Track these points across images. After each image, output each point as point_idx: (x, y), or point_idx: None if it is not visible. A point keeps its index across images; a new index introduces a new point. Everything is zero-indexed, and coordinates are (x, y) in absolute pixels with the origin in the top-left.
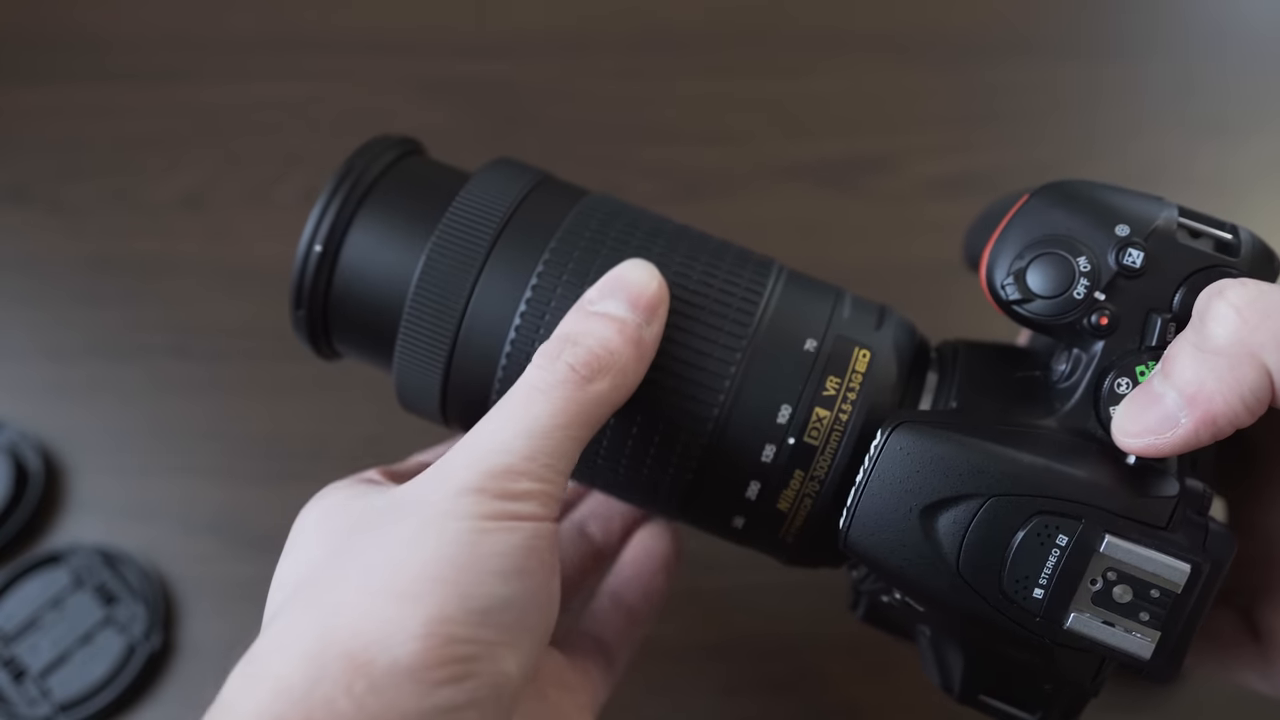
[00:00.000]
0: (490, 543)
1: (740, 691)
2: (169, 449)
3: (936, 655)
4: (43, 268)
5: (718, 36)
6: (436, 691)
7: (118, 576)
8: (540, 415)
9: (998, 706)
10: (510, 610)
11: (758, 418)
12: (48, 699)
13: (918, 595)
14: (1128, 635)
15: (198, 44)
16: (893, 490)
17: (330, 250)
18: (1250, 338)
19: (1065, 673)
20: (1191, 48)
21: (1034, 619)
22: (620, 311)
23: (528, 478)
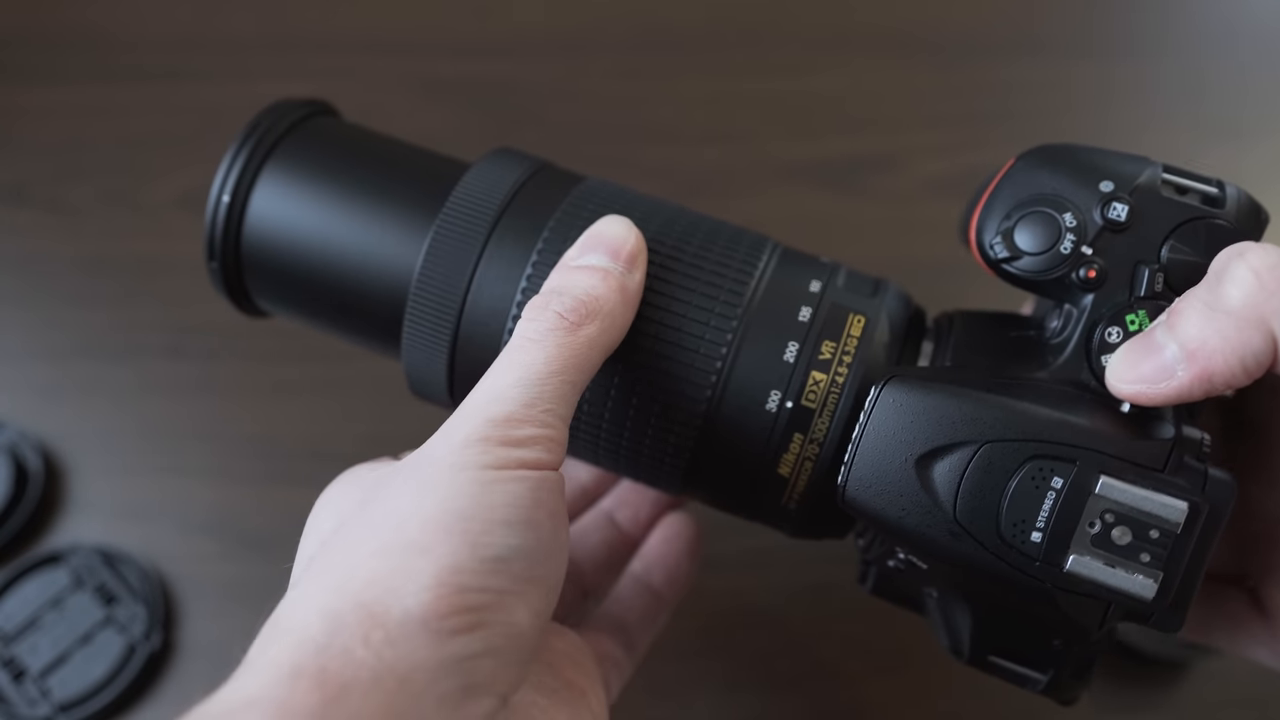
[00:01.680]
0: (497, 493)
1: (744, 690)
2: (169, 449)
3: (944, 618)
4: (42, 268)
5: (718, 36)
6: (451, 640)
7: (118, 576)
8: (534, 363)
9: (1007, 667)
10: (520, 560)
11: (754, 391)
12: (47, 699)
13: (918, 548)
14: (1129, 576)
15: (198, 44)
16: (888, 442)
17: (238, 202)
18: (1265, 303)
19: (1070, 620)
20: (1203, 48)
21: (1034, 563)
22: (602, 262)
23: (529, 424)
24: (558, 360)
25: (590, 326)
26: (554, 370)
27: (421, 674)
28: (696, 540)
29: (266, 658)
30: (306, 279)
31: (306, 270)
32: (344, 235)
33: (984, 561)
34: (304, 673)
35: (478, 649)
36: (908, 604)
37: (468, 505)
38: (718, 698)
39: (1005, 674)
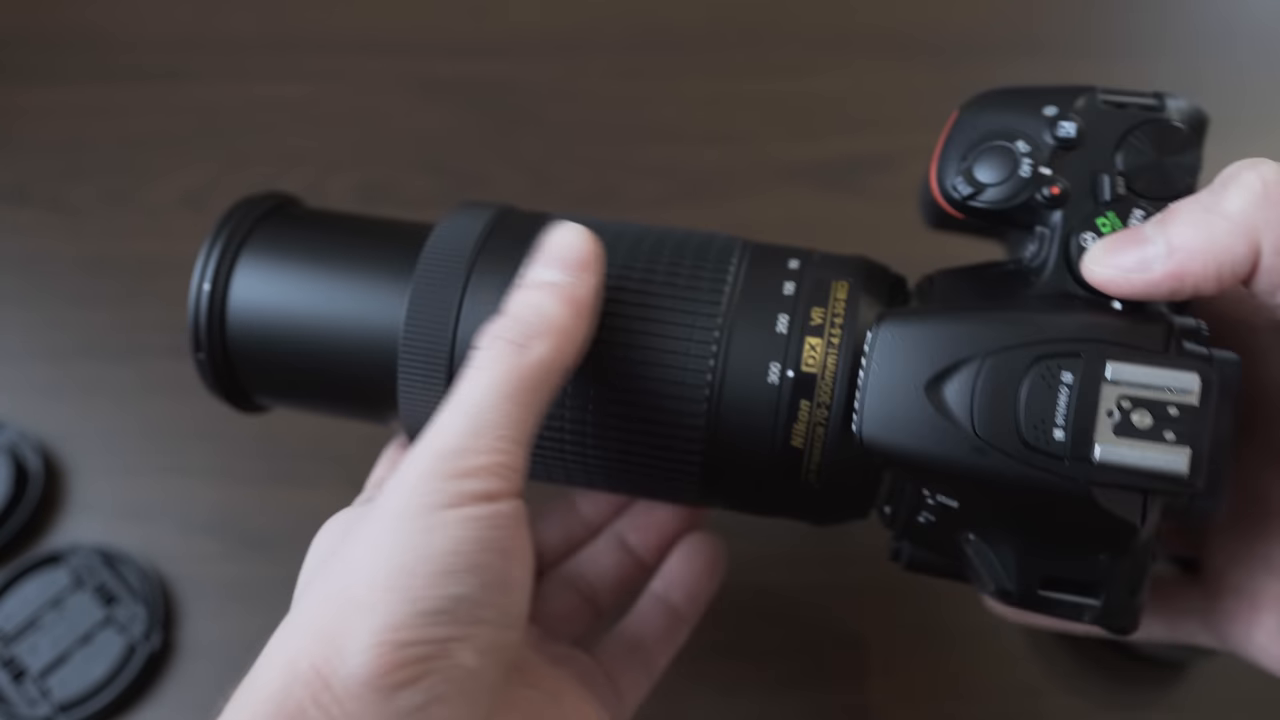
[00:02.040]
0: (439, 541)
1: (742, 691)
2: (169, 449)
3: (985, 561)
4: (43, 268)
5: (718, 36)
6: (395, 696)
7: (118, 576)
8: (481, 390)
9: (1059, 599)
10: (462, 605)
11: (752, 370)
12: (47, 699)
13: (946, 476)
14: (1159, 455)
15: (198, 44)
16: (894, 376)
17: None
18: (1260, 214)
19: (1112, 518)
20: (1200, 47)
21: (1063, 462)
22: (549, 276)
23: (477, 453)
24: (506, 384)
25: (539, 345)
26: (502, 394)
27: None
28: (718, 559)
29: (237, 709)
30: (297, 354)
31: (296, 345)
32: (327, 304)
33: (1013, 473)
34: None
35: (424, 699)
36: (946, 571)
37: (409, 560)
38: (717, 698)
39: (1058, 608)
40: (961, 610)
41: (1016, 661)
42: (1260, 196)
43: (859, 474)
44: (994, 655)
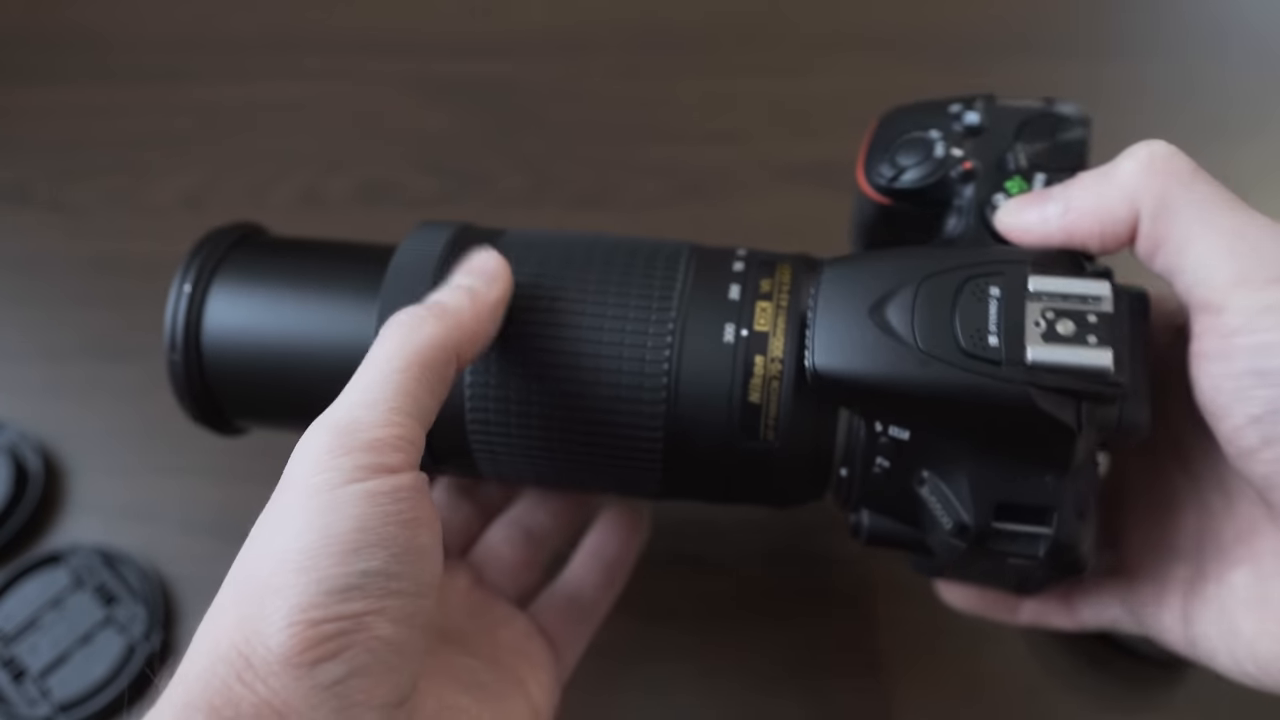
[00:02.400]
0: (345, 519)
1: (740, 691)
2: (169, 449)
3: (941, 499)
4: (43, 268)
5: (718, 36)
6: (314, 671)
7: (117, 577)
8: (374, 364)
9: (1014, 530)
10: (373, 579)
11: (709, 332)
12: (47, 699)
13: (896, 398)
14: (1085, 354)
15: (198, 44)
16: (839, 309)
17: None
18: (1140, 182)
19: (1050, 421)
20: (1192, 48)
21: (1000, 366)
22: (460, 279)
23: (371, 426)
24: (397, 358)
25: (432, 324)
26: (394, 368)
27: (297, 704)
28: (643, 516)
29: (169, 694)
30: (272, 376)
31: (270, 367)
32: (299, 326)
33: (956, 381)
34: (196, 707)
35: (344, 672)
36: (904, 539)
37: (314, 540)
38: (716, 698)
39: (1012, 542)
40: (961, 611)
41: (1016, 662)
42: (1145, 167)
43: (814, 425)
44: (993, 655)
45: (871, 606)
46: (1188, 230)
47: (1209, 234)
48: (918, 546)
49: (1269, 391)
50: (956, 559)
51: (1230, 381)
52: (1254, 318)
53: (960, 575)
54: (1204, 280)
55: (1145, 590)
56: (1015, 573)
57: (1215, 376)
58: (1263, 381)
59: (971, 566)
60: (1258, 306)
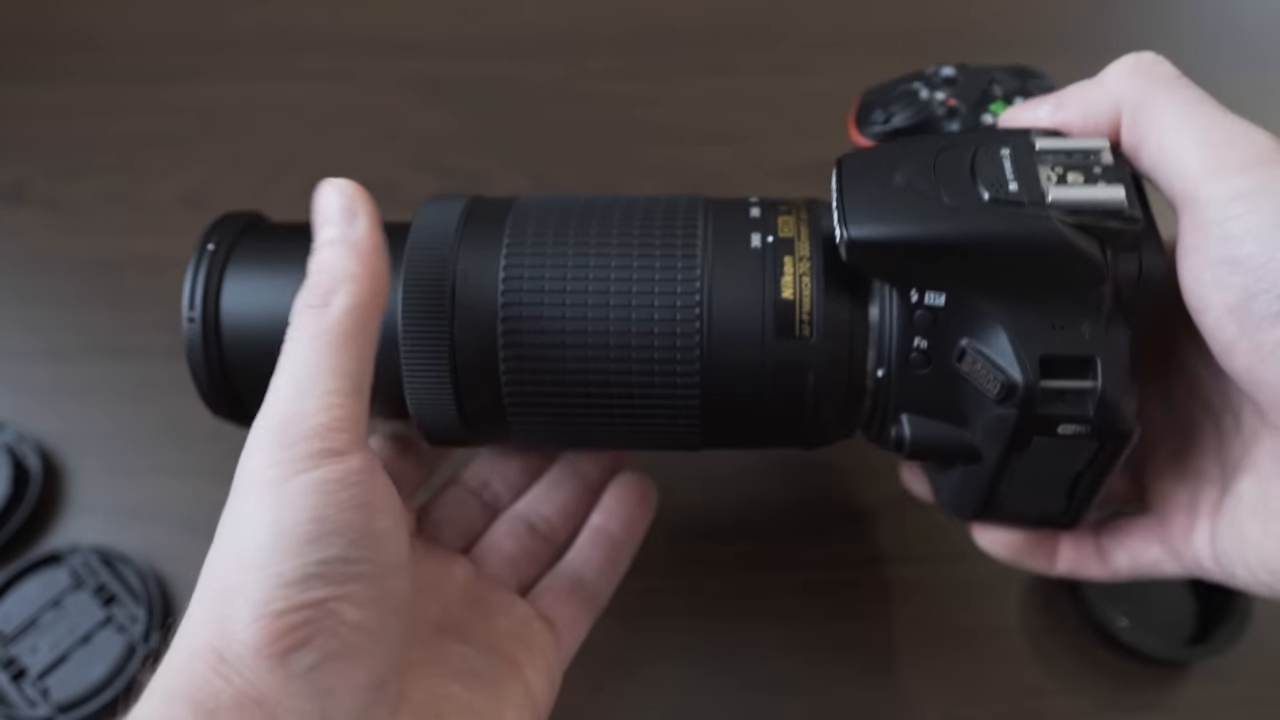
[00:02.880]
0: (296, 511)
1: (740, 691)
2: (168, 449)
3: (985, 364)
4: (42, 267)
5: (717, 36)
6: (286, 660)
7: (117, 577)
8: (297, 356)
9: (1060, 387)
10: (332, 566)
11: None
12: (47, 700)
13: (929, 255)
14: (1099, 191)
15: (198, 44)
16: (864, 183)
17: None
18: (1125, 83)
19: (1082, 257)
20: (1190, 48)
21: (1024, 206)
22: (327, 234)
23: (307, 414)
24: (317, 342)
25: (336, 299)
26: (318, 353)
27: (275, 693)
28: (650, 492)
29: (151, 688)
30: None
31: None
32: None
33: (986, 226)
34: (177, 698)
35: (315, 659)
36: (946, 444)
37: (265, 537)
38: (717, 698)
39: (1061, 401)
40: (962, 611)
41: (1017, 662)
42: (1130, 70)
43: (849, 315)
44: (995, 656)
45: (871, 607)
46: (1166, 126)
47: (1186, 128)
48: (961, 451)
49: (1241, 279)
50: (1005, 440)
51: (1207, 272)
52: (1225, 205)
53: (1000, 508)
54: (1181, 172)
55: (1177, 523)
56: (1063, 465)
57: (1194, 269)
58: (1236, 269)
59: (1016, 477)
60: (1229, 194)
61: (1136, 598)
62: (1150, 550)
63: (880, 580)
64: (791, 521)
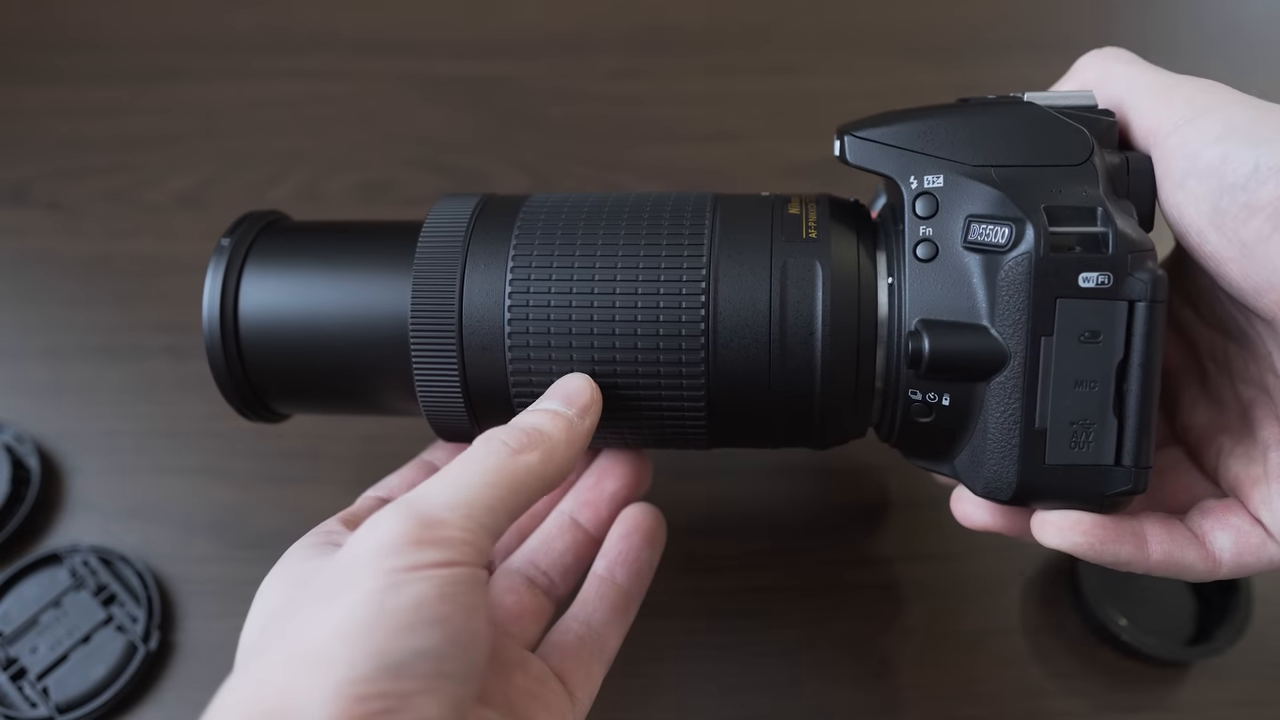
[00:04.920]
0: (401, 597)
1: (741, 691)
2: (168, 449)
3: (994, 224)
4: (42, 267)
5: (718, 36)
6: None
7: (117, 577)
8: (468, 473)
9: (1071, 231)
10: (425, 659)
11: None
12: (47, 700)
13: (923, 133)
14: (1071, 94)
15: (198, 44)
16: (865, 120)
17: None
18: (1087, 64)
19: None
20: (1192, 48)
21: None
22: (555, 406)
23: (448, 526)
24: (491, 474)
25: (531, 454)
26: (486, 482)
27: None
28: (656, 530)
29: None
30: (313, 354)
31: (310, 346)
32: (335, 301)
33: (974, 109)
34: None
35: None
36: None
37: (370, 614)
38: (717, 698)
39: (1077, 246)
40: (963, 611)
41: (1017, 663)
42: (1092, 57)
43: (854, 220)
44: (995, 656)
45: (872, 607)
46: (1123, 88)
47: (1139, 83)
48: (985, 354)
49: (1206, 185)
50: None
51: (1178, 193)
52: (1180, 129)
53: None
54: (1141, 117)
55: (1258, 496)
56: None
57: (1169, 194)
58: (1201, 179)
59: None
60: (1181, 118)
61: (1136, 598)
62: (1255, 530)
63: (881, 580)
64: (793, 522)
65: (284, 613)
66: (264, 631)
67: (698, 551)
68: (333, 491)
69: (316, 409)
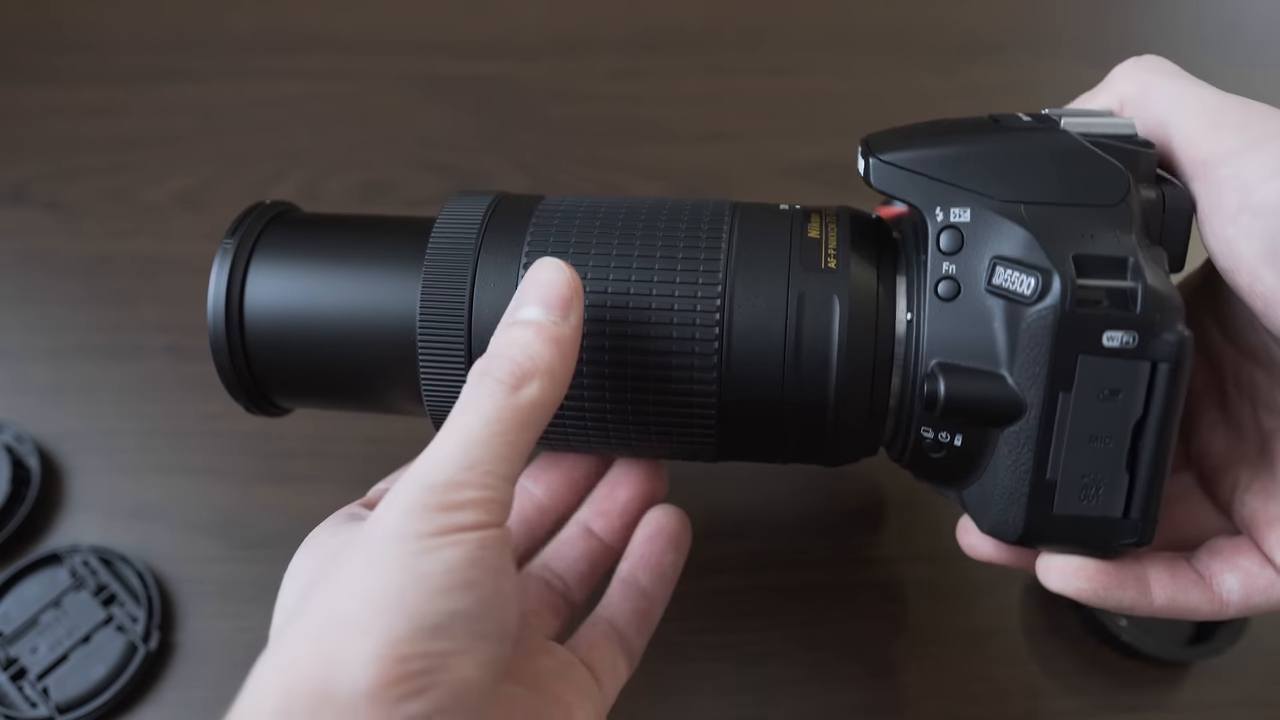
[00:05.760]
0: (433, 561)
1: (742, 691)
2: (168, 449)
3: (1018, 270)
4: (42, 267)
5: (717, 36)
6: (398, 707)
7: (117, 577)
8: (473, 426)
9: (1099, 285)
10: (461, 621)
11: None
12: (47, 700)
13: (952, 162)
14: (1109, 120)
15: (198, 44)
16: (889, 133)
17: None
18: (1122, 82)
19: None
20: (1192, 48)
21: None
22: (535, 315)
23: (468, 487)
24: (497, 423)
25: (529, 387)
26: (493, 432)
27: None
28: (680, 532)
29: None
30: (318, 351)
31: (317, 342)
32: (343, 298)
33: (1007, 137)
34: None
35: (427, 710)
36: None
37: (405, 578)
38: (717, 698)
39: (1103, 302)
40: (963, 611)
41: (1017, 662)
42: (1130, 65)
43: (875, 248)
44: (995, 656)
45: (872, 607)
46: (1166, 106)
47: (1185, 103)
48: (1001, 402)
49: (1264, 222)
50: (1048, 360)
51: (1230, 227)
52: (1233, 159)
53: (1054, 507)
54: (1187, 141)
55: (1274, 537)
56: (1118, 412)
57: (1218, 229)
58: (1256, 215)
59: (1068, 439)
60: (1234, 148)
61: None
62: (1265, 572)
63: (881, 580)
64: (793, 521)
65: (316, 586)
66: (298, 606)
67: (697, 551)
68: (335, 491)
69: (319, 405)
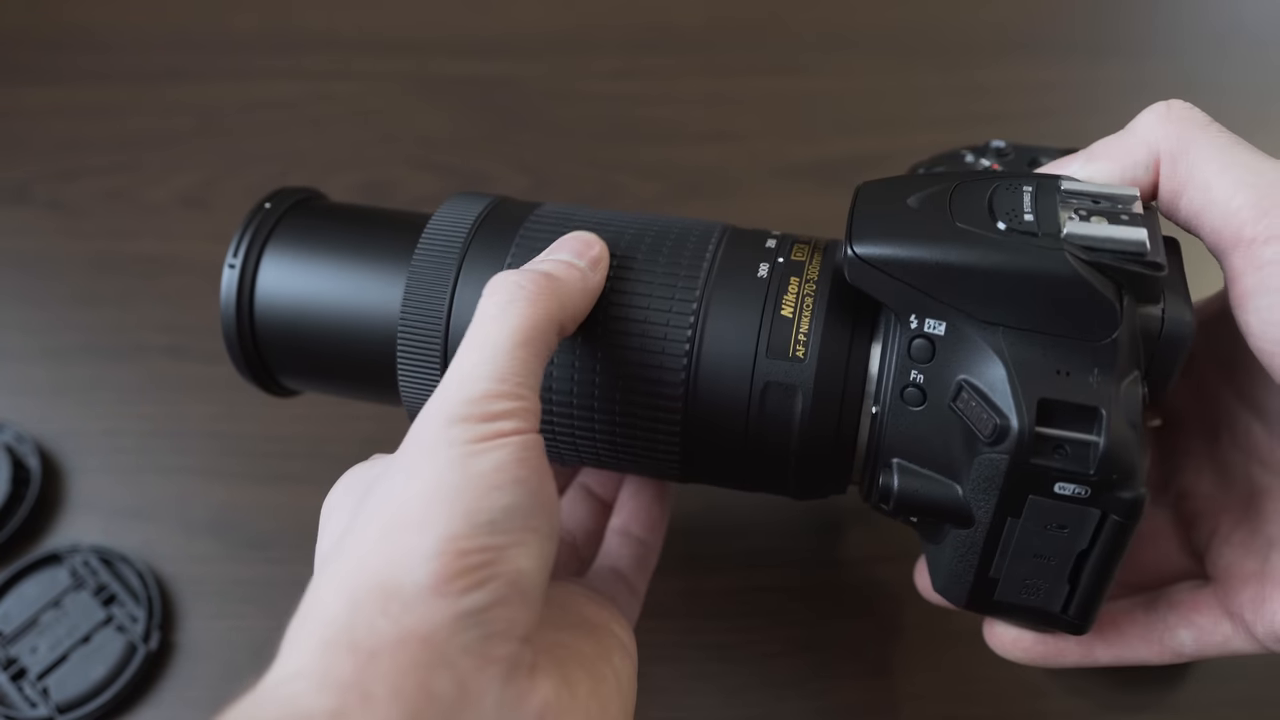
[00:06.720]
0: (482, 461)
1: (742, 691)
2: (168, 449)
3: (980, 401)
4: (42, 267)
5: (717, 36)
6: (461, 598)
7: (117, 577)
8: (499, 338)
9: (1059, 435)
10: (513, 515)
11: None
12: (47, 700)
13: (934, 277)
14: (1120, 230)
15: (198, 44)
16: (878, 204)
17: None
18: (1158, 130)
19: (1095, 296)
20: (1192, 48)
21: (1035, 237)
22: (567, 257)
23: (503, 398)
24: (520, 332)
25: (550, 300)
26: (518, 342)
27: (442, 631)
28: (662, 484)
29: (300, 639)
30: (314, 337)
31: (312, 328)
32: (336, 290)
33: (994, 255)
34: (336, 645)
35: (488, 600)
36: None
37: (457, 478)
38: (717, 698)
39: (1058, 453)
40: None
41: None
42: (1162, 116)
43: (847, 343)
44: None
45: (872, 607)
46: (1208, 170)
47: (1229, 170)
48: (951, 509)
49: None
50: (997, 494)
51: (1268, 297)
52: (1275, 240)
53: (997, 593)
54: (1229, 214)
55: (1246, 596)
56: (1064, 541)
57: (1263, 310)
58: None
59: (1012, 550)
60: (1276, 226)
61: None
62: (1220, 627)
63: (881, 580)
64: (792, 521)
65: (363, 508)
66: (347, 531)
67: (696, 551)
68: None
69: (320, 390)
